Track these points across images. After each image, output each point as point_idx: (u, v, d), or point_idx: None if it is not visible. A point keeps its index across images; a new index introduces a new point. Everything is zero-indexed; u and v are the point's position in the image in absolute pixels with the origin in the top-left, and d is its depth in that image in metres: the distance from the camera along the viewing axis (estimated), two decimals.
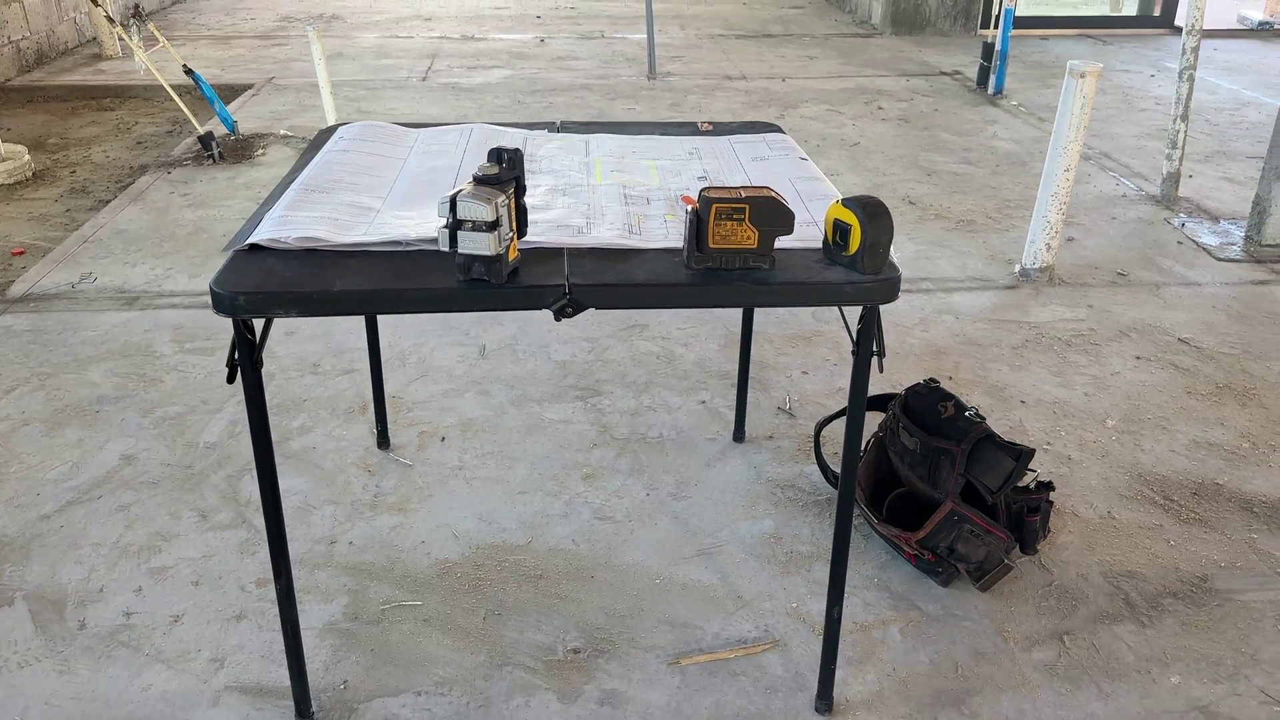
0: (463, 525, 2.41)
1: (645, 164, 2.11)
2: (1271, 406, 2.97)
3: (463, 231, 1.46)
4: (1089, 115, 3.50)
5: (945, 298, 3.67)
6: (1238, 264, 3.96)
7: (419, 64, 7.33)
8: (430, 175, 1.97)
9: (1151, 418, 2.91)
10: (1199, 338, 3.37)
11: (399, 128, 2.26)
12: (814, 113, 6.08)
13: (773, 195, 1.56)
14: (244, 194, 4.67)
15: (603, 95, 6.48)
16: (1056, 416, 2.91)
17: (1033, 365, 3.19)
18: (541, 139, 2.25)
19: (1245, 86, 6.78)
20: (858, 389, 1.65)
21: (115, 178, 5.23)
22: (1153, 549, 2.37)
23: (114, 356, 3.20)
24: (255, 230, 1.66)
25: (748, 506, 2.50)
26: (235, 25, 8.72)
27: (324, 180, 1.88)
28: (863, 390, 1.66)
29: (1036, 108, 6.21)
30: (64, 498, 2.51)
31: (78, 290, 3.67)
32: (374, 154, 2.07)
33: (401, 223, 1.72)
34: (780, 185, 1.99)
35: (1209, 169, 5.09)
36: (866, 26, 8.77)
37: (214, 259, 3.94)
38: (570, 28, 8.70)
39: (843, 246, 1.59)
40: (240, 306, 1.47)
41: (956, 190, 4.77)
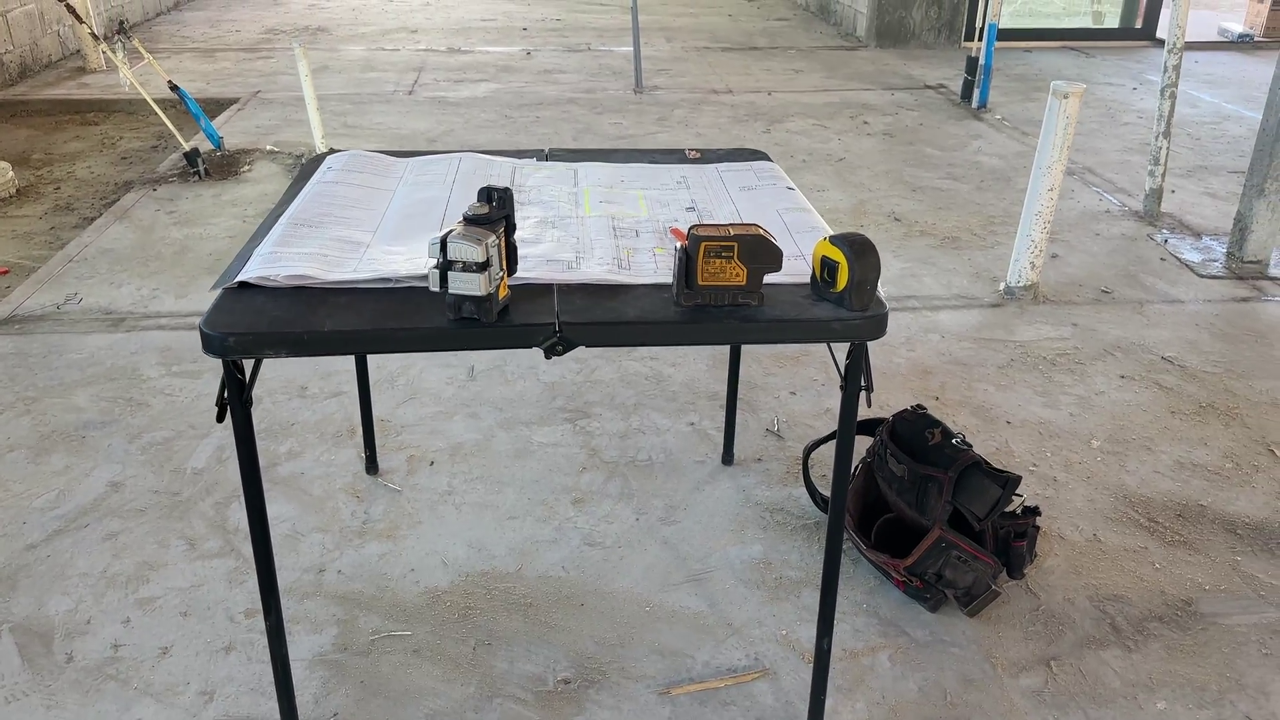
0: (452, 552, 2.41)
1: (634, 194, 2.12)
2: (1254, 426, 3.00)
3: (453, 272, 1.46)
4: (1072, 135, 3.53)
5: (931, 316, 3.69)
6: (1220, 281, 3.99)
7: (405, 77, 7.33)
8: (420, 207, 1.98)
9: (1136, 438, 2.93)
10: (1182, 356, 3.40)
11: (387, 157, 2.26)
12: (800, 127, 6.11)
13: (761, 233, 1.57)
14: (230, 212, 4.66)
15: (590, 109, 6.49)
16: (1042, 437, 2.93)
17: (1018, 385, 3.21)
18: (530, 168, 2.26)
19: (1226, 100, 6.85)
20: (846, 424, 1.66)
21: (100, 194, 5.21)
22: (1138, 572, 2.38)
23: (100, 380, 3.19)
24: (244, 268, 1.65)
25: (737, 531, 2.51)
26: (220, 37, 8.70)
27: (313, 214, 1.88)
28: (851, 426, 1.67)
29: (1020, 122, 6.26)
30: (51, 527, 2.50)
31: (63, 311, 3.65)
32: (362, 185, 2.07)
33: (391, 258, 1.72)
34: (768, 216, 2.00)
35: (1191, 184, 5.14)
36: (851, 39, 8.82)
37: (200, 279, 3.93)
38: (556, 40, 8.72)
39: (830, 283, 1.61)
40: (230, 347, 1.47)
41: (941, 206, 4.80)
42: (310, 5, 10.42)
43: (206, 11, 10.01)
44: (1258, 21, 8.76)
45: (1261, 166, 4.00)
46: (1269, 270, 4.06)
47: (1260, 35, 8.67)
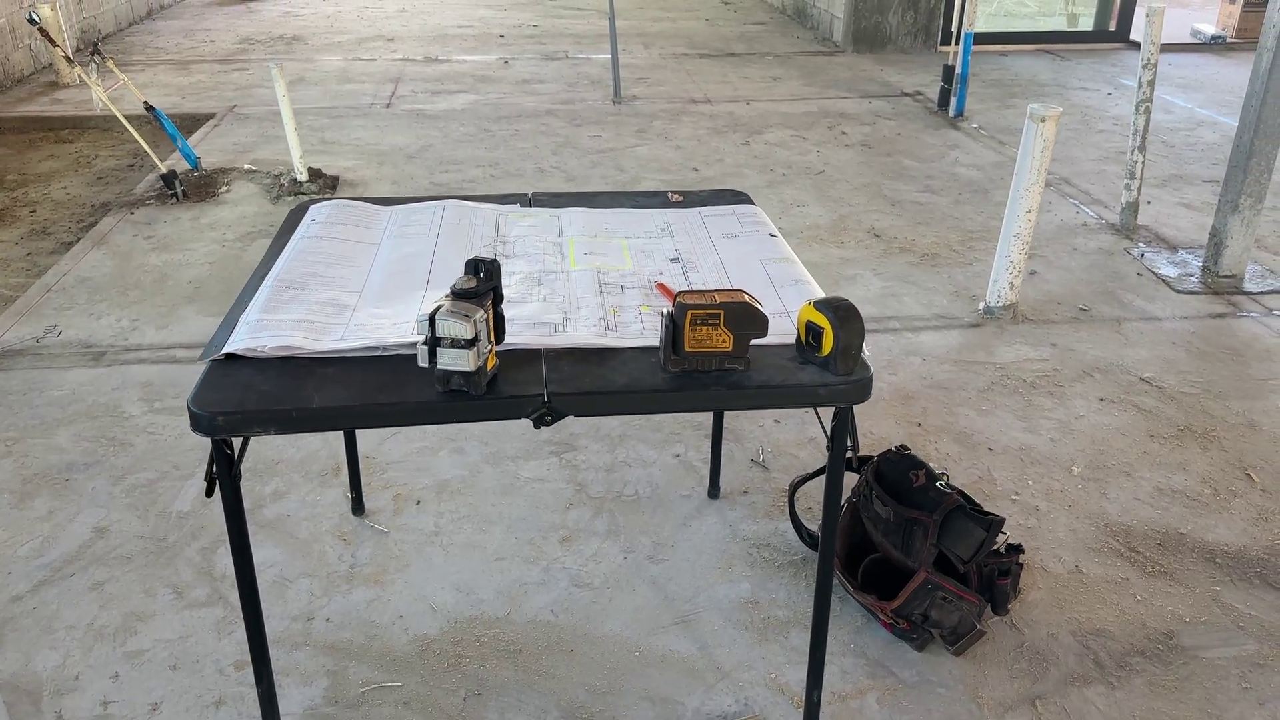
0: (440, 597, 2.42)
1: (618, 243, 2.13)
2: (1230, 449, 3.04)
3: (441, 348, 1.47)
4: (1049, 158, 3.57)
5: (912, 338, 3.72)
6: (1196, 296, 4.04)
7: (383, 89, 7.30)
8: (404, 263, 1.98)
9: (1116, 464, 2.96)
10: (1160, 376, 3.44)
11: (371, 207, 2.26)
12: (778, 139, 6.13)
13: (746, 300, 1.59)
14: (209, 236, 4.63)
15: (569, 121, 6.49)
16: (1024, 464, 2.97)
17: (999, 410, 3.25)
18: (514, 215, 2.27)
19: (1200, 104, 6.92)
20: (832, 485, 1.68)
21: (77, 217, 5.17)
22: (1120, 604, 2.42)
23: (82, 418, 3.17)
24: (231, 337, 1.65)
25: (724, 569, 2.53)
26: (195, 48, 8.63)
27: (297, 274, 1.88)
28: (837, 488, 1.69)
29: (997, 130, 6.30)
30: (36, 576, 2.49)
31: (42, 345, 3.63)
32: (347, 240, 2.07)
33: (378, 323, 1.72)
34: (751, 267, 2.02)
35: (1166, 194, 5.19)
36: (829, 44, 8.84)
37: (180, 309, 3.91)
38: (534, 48, 8.70)
39: (815, 348, 1.62)
40: (219, 427, 1.47)
41: (920, 221, 4.83)
42: (285, 12, 10.35)
43: (180, 20, 9.93)
44: (1230, 23, 8.84)
45: (1235, 183, 4.05)
46: (1244, 284, 4.12)
47: (1232, 36, 8.75)
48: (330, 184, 5.29)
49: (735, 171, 5.55)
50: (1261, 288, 4.10)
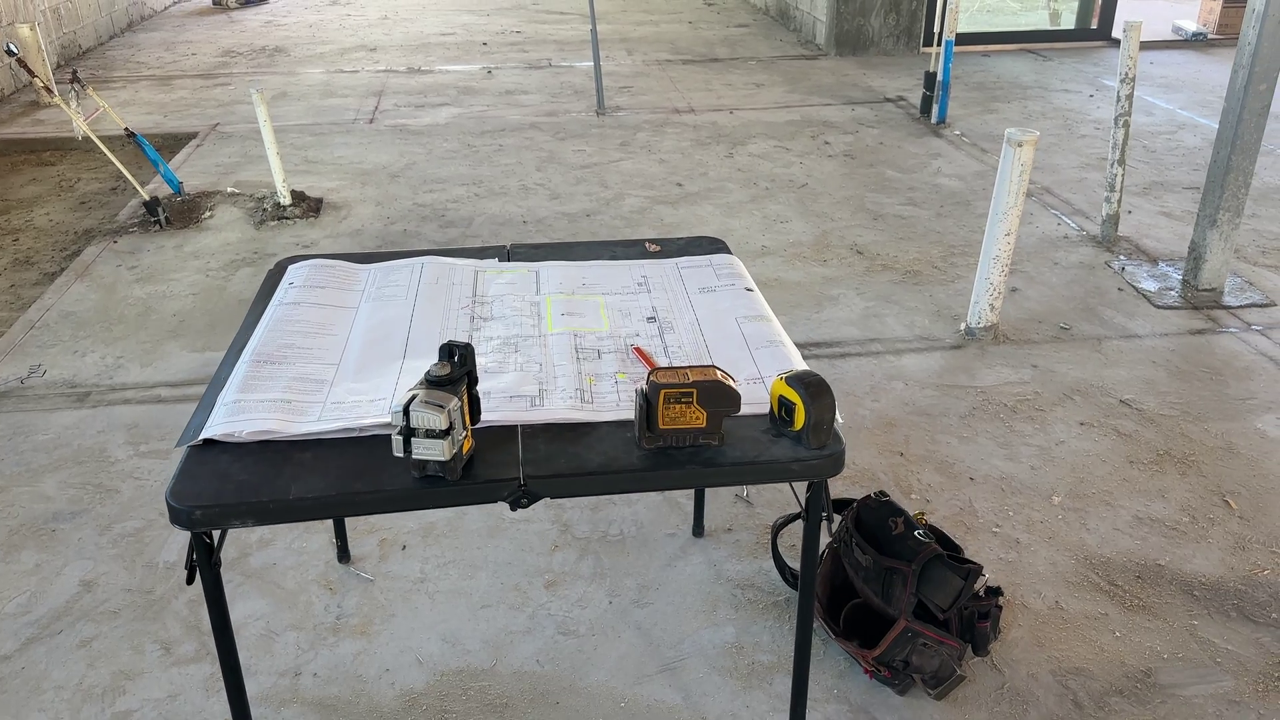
0: (426, 648, 2.44)
1: (595, 301, 2.15)
2: (1209, 474, 3.07)
3: (416, 438, 1.49)
4: (1027, 181, 3.59)
5: (895, 361, 3.74)
6: (1176, 312, 4.07)
7: (366, 103, 7.29)
8: (382, 329, 1.99)
9: (1096, 492, 2.99)
10: (1140, 398, 3.47)
11: (349, 266, 2.27)
12: (762, 150, 6.14)
13: (719, 379, 1.61)
14: (193, 265, 4.63)
15: (552, 135, 6.49)
16: (1004, 494, 2.99)
17: (980, 436, 3.27)
18: (491, 272, 2.28)
19: (1181, 105, 6.95)
20: (808, 558, 1.70)
21: (60, 245, 5.16)
22: (1099, 641, 2.45)
23: (68, 464, 3.18)
24: (209, 420, 1.67)
25: (709, 611, 2.55)
26: (176, 62, 8.60)
27: (275, 347, 1.89)
28: (812, 558, 1.71)
29: (979, 137, 6.32)
30: (24, 634, 2.50)
31: (27, 387, 3.63)
32: (324, 304, 2.08)
33: (354, 400, 1.74)
34: (726, 326, 2.03)
35: (1147, 203, 5.22)
36: (811, 47, 8.84)
37: (165, 344, 3.91)
38: (517, 56, 8.69)
39: (788, 422, 1.64)
40: (197, 520, 1.49)
41: (903, 236, 4.85)
42: (266, 22, 10.32)
43: (161, 32, 9.89)
44: (1211, 19, 8.87)
45: (1214, 198, 4.07)
46: (1223, 299, 4.15)
47: (1214, 33, 8.78)
48: (314, 207, 5.29)
49: (719, 186, 5.56)
50: (1240, 301, 4.13)
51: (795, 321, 4.06)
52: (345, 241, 4.89)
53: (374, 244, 4.85)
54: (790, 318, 4.09)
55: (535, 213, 5.23)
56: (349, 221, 5.13)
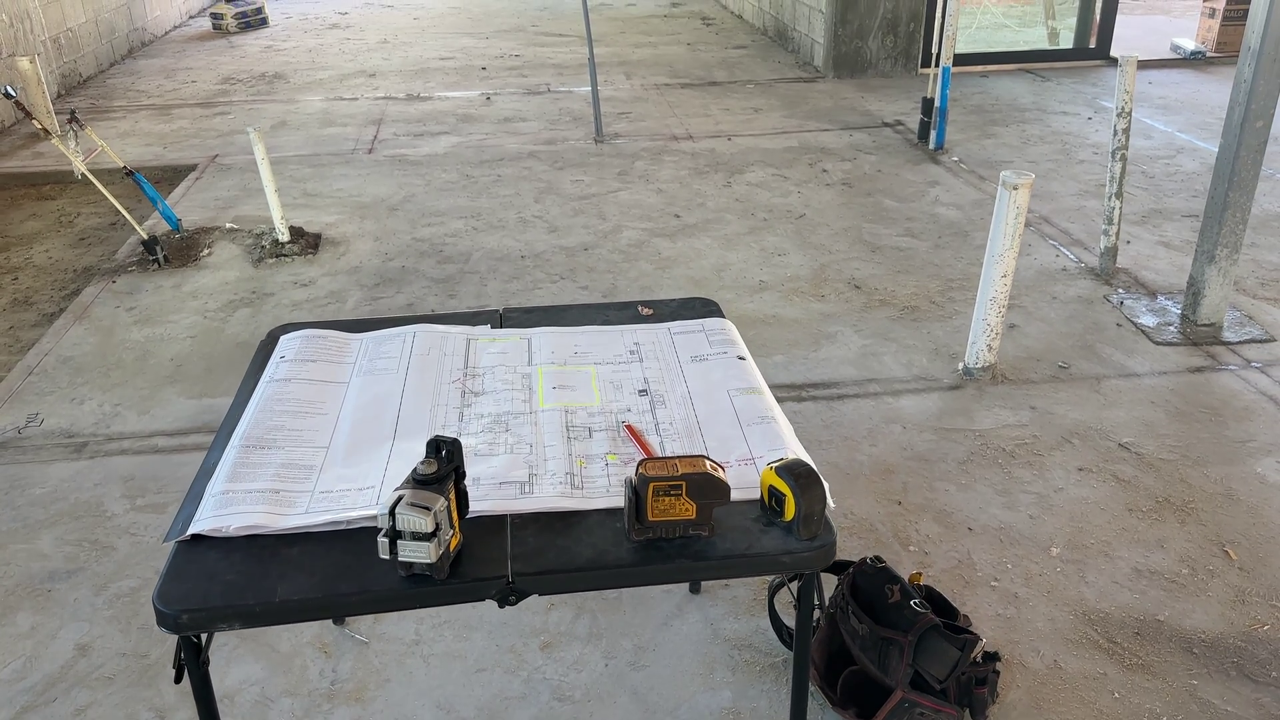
0: (421, 717, 2.42)
1: (587, 372, 2.14)
2: (1209, 522, 3.06)
3: (402, 541, 1.48)
4: (1023, 224, 3.58)
5: (892, 403, 3.73)
6: (1175, 348, 4.05)
7: (365, 132, 7.30)
8: (373, 408, 1.99)
9: (1094, 542, 2.98)
10: (1139, 441, 3.46)
11: (340, 337, 2.26)
12: (759, 178, 6.14)
13: (708, 471, 1.60)
14: (191, 306, 4.63)
15: (550, 164, 6.49)
16: (1003, 545, 2.98)
17: (979, 484, 3.26)
18: (484, 340, 2.27)
19: (1179, 128, 6.94)
20: (801, 647, 1.69)
21: (59, 284, 5.17)
22: (1098, 703, 2.43)
23: (64, 519, 3.18)
24: (197, 514, 1.66)
25: (705, 674, 2.54)
26: (176, 90, 8.63)
27: (265, 429, 1.89)
28: (805, 649, 1.70)
29: (977, 163, 6.31)
30: (19, 702, 2.49)
31: (24, 437, 3.63)
32: (315, 380, 2.08)
33: (343, 489, 1.73)
34: (718, 400, 2.03)
35: (1145, 232, 5.21)
36: (809, 69, 8.85)
37: (162, 390, 3.91)
38: (516, 80, 8.70)
39: (778, 512, 1.63)
40: (184, 624, 1.48)
41: (900, 269, 4.84)
42: (266, 47, 10.35)
43: (161, 59, 9.92)
44: (1209, 37, 8.87)
45: (1211, 233, 4.07)
46: (1222, 334, 4.13)
47: (1212, 51, 8.78)
48: (312, 243, 5.30)
49: (717, 217, 5.56)
50: (1240, 336, 4.12)
51: (793, 361, 4.05)
52: (343, 279, 4.89)
53: (372, 281, 4.85)
54: (788, 356, 4.08)
55: (533, 246, 5.23)
56: (347, 258, 5.14)
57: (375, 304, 4.62)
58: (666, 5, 12.31)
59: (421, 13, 12.20)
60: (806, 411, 3.69)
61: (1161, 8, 12.31)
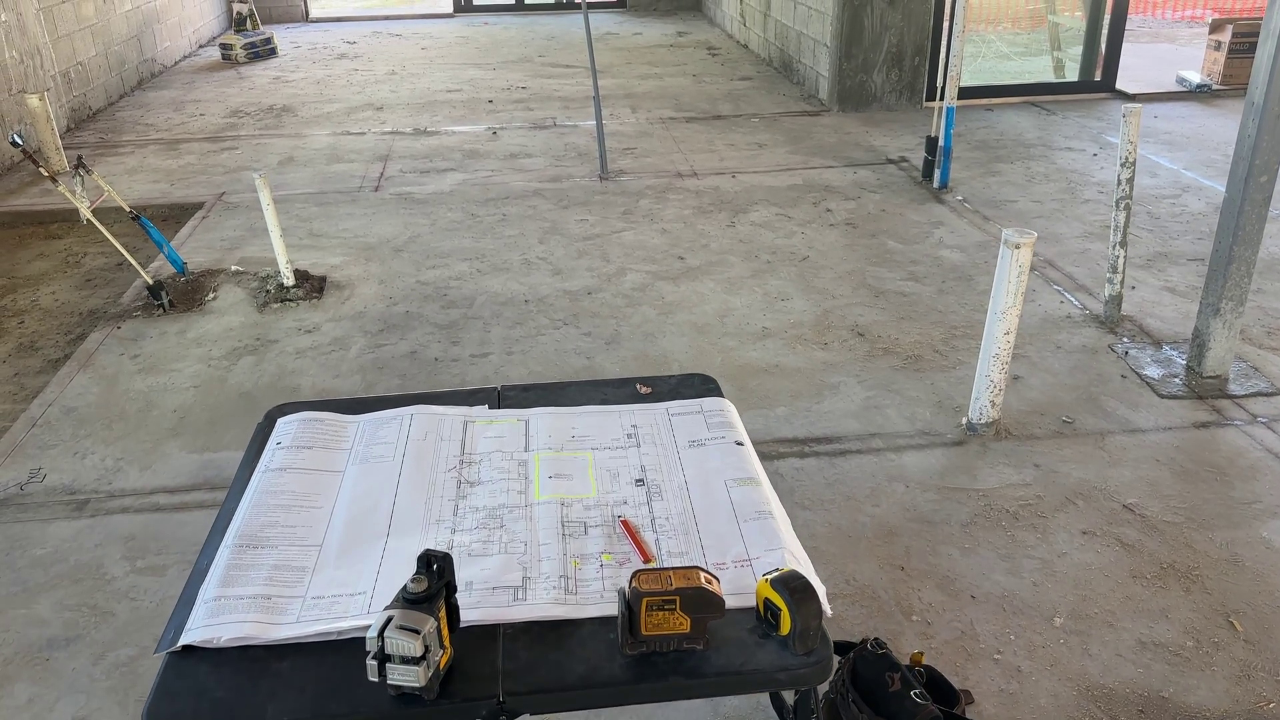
0: None
1: (584, 459, 2.14)
2: (1214, 590, 3.03)
3: (391, 664, 1.47)
4: (1025, 283, 3.57)
5: (895, 459, 3.71)
6: (1180, 402, 4.03)
7: (372, 168, 7.32)
8: (368, 501, 1.98)
9: (1098, 612, 2.95)
10: (1144, 502, 3.43)
11: (337, 420, 2.26)
12: (763, 218, 6.14)
13: (702, 584, 1.59)
14: (195, 354, 4.64)
15: (556, 203, 6.50)
16: (1006, 614, 2.96)
17: (982, 547, 3.24)
18: (482, 423, 2.27)
19: (1185, 165, 6.92)
20: None
21: (65, 328, 5.19)
22: None
23: (64, 583, 3.17)
24: (188, 623, 1.66)
25: None
26: (184, 124, 8.67)
27: (258, 527, 1.88)
28: None
29: (981, 203, 6.30)
30: None
31: (26, 493, 3.63)
32: (310, 470, 2.07)
33: (335, 594, 1.73)
34: (715, 492, 2.02)
35: (1151, 277, 5.19)
36: (814, 102, 8.86)
37: (164, 444, 3.91)
38: (522, 114, 8.73)
39: (774, 626, 1.62)
40: None
41: (904, 316, 4.83)
42: (275, 78, 10.40)
43: (170, 90, 9.98)
44: (1215, 69, 8.86)
45: (1216, 287, 4.05)
46: (1228, 387, 4.11)
47: (1218, 84, 8.76)
48: (317, 287, 5.31)
49: (720, 259, 5.55)
50: (1245, 389, 4.10)
51: (796, 413, 4.04)
52: (347, 325, 4.89)
53: (376, 328, 4.85)
54: (791, 409, 4.07)
55: (537, 290, 5.24)
56: (352, 303, 5.14)
57: (378, 351, 4.62)
58: (673, 35, 12.36)
59: (429, 42, 12.26)
60: (809, 468, 3.68)
61: (1167, 35, 12.32)
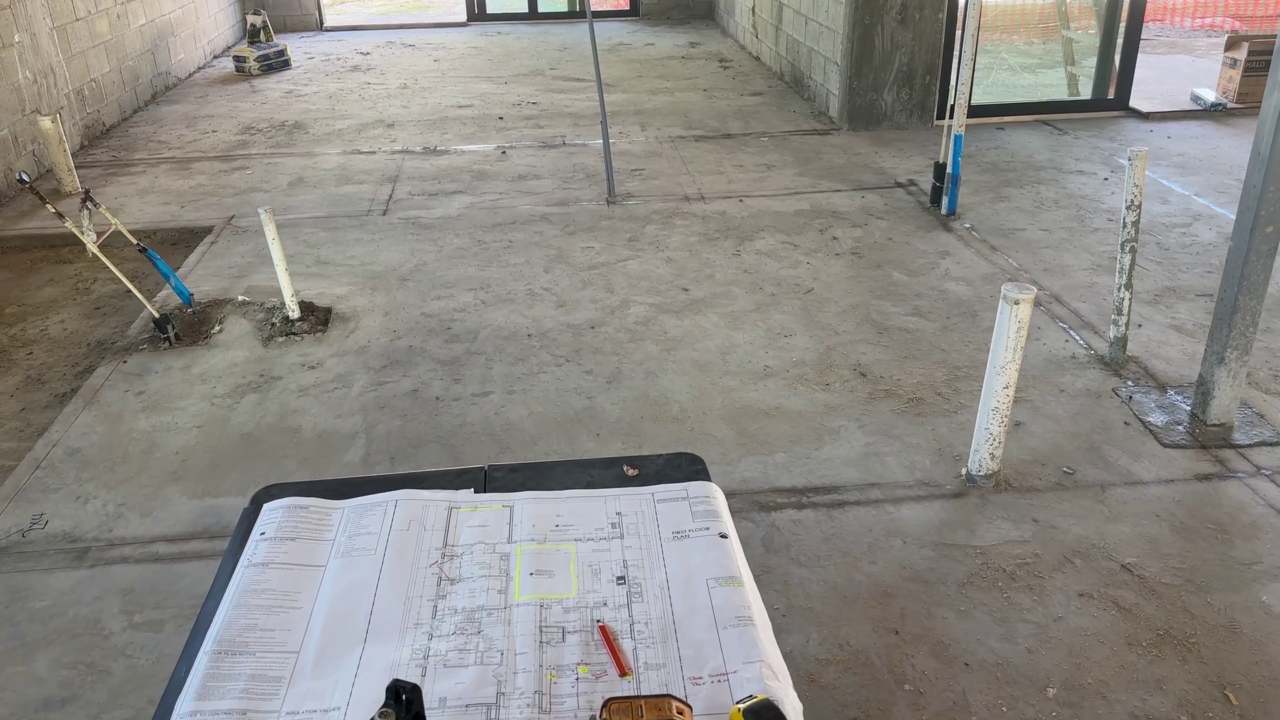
0: None
1: (566, 551, 2.14)
2: (1210, 659, 3.01)
3: None
4: (1024, 337, 3.55)
5: (893, 512, 3.70)
6: (1183, 451, 4.00)
7: (381, 190, 7.35)
8: (347, 601, 1.99)
9: (1092, 682, 2.94)
10: (1142, 562, 3.41)
11: (323, 507, 2.26)
12: (769, 246, 6.12)
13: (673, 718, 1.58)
14: (199, 390, 4.67)
15: (562, 229, 6.51)
16: (999, 683, 2.94)
17: (978, 610, 3.22)
18: (466, 510, 2.27)
19: (1197, 191, 6.86)
20: None
21: (72, 359, 5.23)
22: None
23: (62, 638, 3.20)
24: None
25: None
26: (196, 141, 8.72)
27: (238, 631, 1.89)
28: None
29: (989, 231, 6.27)
30: None
31: (28, 540, 3.67)
32: (291, 565, 2.08)
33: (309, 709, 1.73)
34: (696, 593, 2.01)
35: (1158, 314, 5.15)
36: (825, 119, 8.83)
37: (166, 489, 3.94)
38: (532, 133, 8.73)
39: None
40: None
41: (907, 355, 4.81)
42: (287, 92, 10.45)
43: (184, 104, 10.04)
44: (1230, 87, 8.77)
45: (1221, 335, 4.01)
46: (1232, 436, 4.07)
47: (1233, 102, 8.68)
48: (322, 319, 5.33)
49: (724, 291, 5.55)
50: (1250, 439, 4.06)
51: (795, 460, 4.03)
52: (350, 360, 4.91)
53: (379, 364, 4.87)
54: (790, 455, 4.06)
55: (540, 324, 5.24)
56: (356, 337, 5.16)
57: (380, 390, 4.64)
58: (685, 46, 12.34)
59: (442, 53, 12.28)
60: (806, 521, 3.67)
61: (1184, 45, 12.21)
